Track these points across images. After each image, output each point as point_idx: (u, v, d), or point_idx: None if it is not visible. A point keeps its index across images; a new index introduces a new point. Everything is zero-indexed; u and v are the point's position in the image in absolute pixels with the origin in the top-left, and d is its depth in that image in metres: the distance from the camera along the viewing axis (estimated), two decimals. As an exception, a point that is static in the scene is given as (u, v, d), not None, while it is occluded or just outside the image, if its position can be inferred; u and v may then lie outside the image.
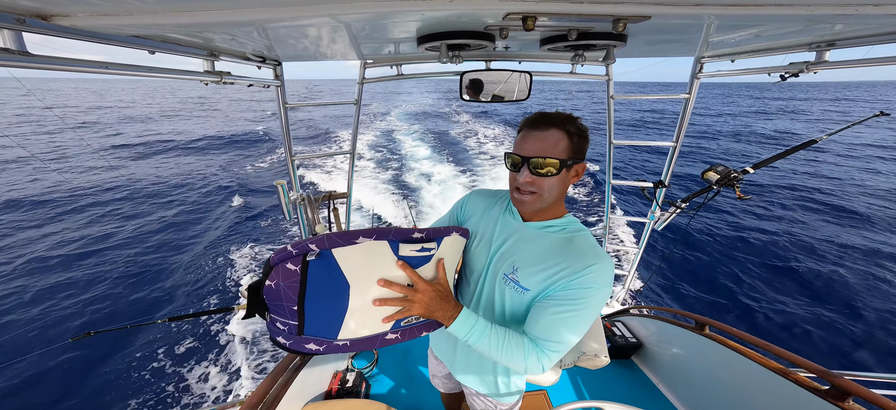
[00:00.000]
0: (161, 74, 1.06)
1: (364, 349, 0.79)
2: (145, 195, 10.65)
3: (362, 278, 0.76)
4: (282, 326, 0.77)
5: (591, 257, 0.78)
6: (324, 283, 0.74)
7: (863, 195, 9.98)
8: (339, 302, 0.75)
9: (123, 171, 13.37)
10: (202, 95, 65.94)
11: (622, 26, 0.80)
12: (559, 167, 0.78)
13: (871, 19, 0.83)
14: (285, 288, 0.73)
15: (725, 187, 1.98)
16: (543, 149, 0.78)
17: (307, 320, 0.75)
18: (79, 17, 0.67)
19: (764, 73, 1.49)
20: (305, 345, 0.76)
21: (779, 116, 32.35)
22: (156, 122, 27.35)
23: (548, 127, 0.79)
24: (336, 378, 1.92)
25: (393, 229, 0.79)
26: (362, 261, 0.75)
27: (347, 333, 0.77)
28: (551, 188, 0.81)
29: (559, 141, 0.78)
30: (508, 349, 0.79)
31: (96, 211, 9.28)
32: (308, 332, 0.75)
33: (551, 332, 0.78)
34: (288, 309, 0.75)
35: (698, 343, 1.78)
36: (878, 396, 1.04)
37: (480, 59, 1.69)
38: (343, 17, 0.86)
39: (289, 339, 0.76)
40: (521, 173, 0.81)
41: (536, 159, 0.78)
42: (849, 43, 1.09)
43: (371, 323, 0.78)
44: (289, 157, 2.05)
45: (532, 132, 0.81)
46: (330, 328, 0.76)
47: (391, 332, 0.81)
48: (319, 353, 0.76)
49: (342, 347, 0.77)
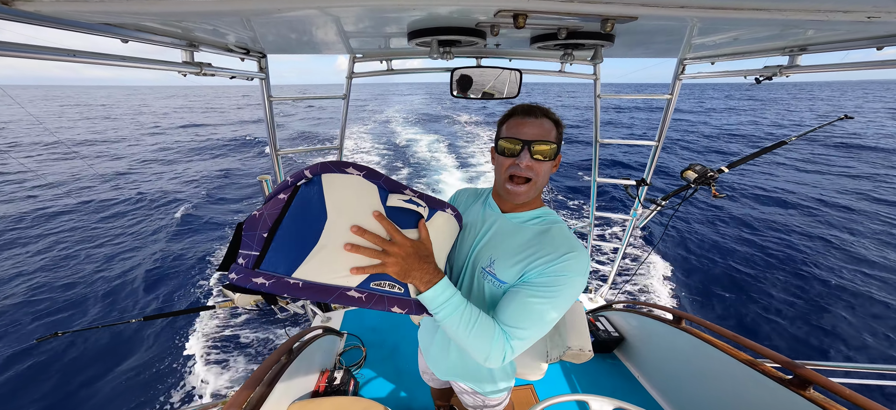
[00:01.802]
0: (135, 65, 1.00)
1: (318, 297, 0.67)
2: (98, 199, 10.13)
3: (341, 213, 0.69)
4: (242, 260, 0.68)
5: (566, 246, 0.79)
6: (304, 211, 0.69)
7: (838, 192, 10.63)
8: (309, 235, 0.68)
9: (97, 168, 12.66)
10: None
11: (610, 26, 0.81)
12: (555, 153, 0.82)
13: (840, 26, 0.88)
14: (267, 216, 0.69)
15: (702, 185, 2.07)
16: (542, 133, 0.81)
17: (270, 252, 0.67)
18: (43, 3, 0.63)
19: (741, 75, 1.56)
20: (253, 279, 0.65)
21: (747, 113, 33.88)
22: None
23: (541, 115, 0.82)
24: (324, 377, 1.89)
25: (385, 176, 0.74)
26: (346, 195, 0.70)
27: (304, 273, 0.67)
28: (544, 175, 0.84)
29: (551, 129, 0.83)
30: (477, 331, 0.73)
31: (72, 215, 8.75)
32: (265, 266, 0.67)
33: (520, 318, 0.75)
34: (257, 238, 0.68)
35: (675, 337, 1.85)
36: (836, 384, 1.12)
37: (471, 55, 1.69)
38: (332, 10, 0.84)
39: (241, 273, 0.66)
40: (522, 157, 0.81)
41: (538, 142, 0.79)
42: (820, 48, 1.15)
43: (334, 271, 0.68)
44: (273, 151, 1.99)
45: (528, 118, 0.82)
46: (288, 263, 0.67)
47: (356, 290, 0.69)
48: (264, 289, 0.65)
49: (292, 286, 0.66)
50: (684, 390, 1.82)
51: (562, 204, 9.70)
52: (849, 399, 1.07)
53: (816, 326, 4.99)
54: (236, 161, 14.58)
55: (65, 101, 65.00)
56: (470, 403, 1.14)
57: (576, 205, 9.62)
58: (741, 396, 1.46)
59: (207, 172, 12.67)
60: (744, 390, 1.44)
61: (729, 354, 1.51)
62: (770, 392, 1.32)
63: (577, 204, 9.68)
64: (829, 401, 1.15)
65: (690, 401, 1.78)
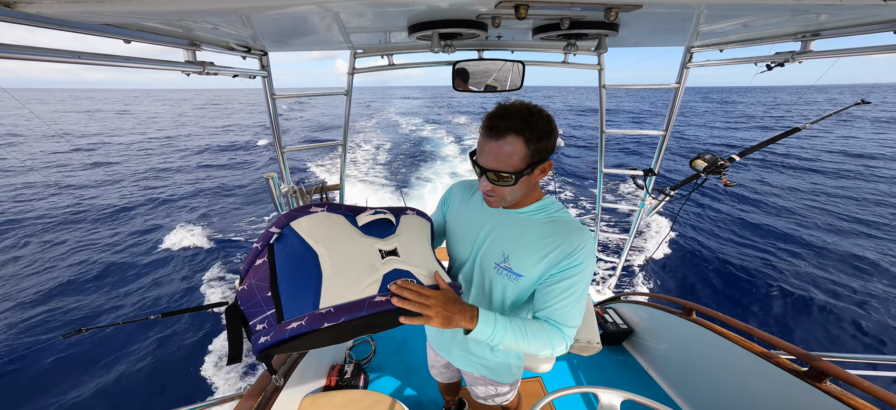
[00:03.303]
0: (138, 65, 1.01)
1: (354, 313, 0.69)
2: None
3: (325, 244, 0.74)
4: (261, 326, 0.69)
5: (579, 236, 0.82)
6: (292, 258, 0.73)
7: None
8: (311, 272, 0.71)
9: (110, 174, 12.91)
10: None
11: (614, 15, 0.79)
12: (516, 179, 0.76)
13: (856, 9, 0.85)
14: (257, 283, 0.72)
15: (712, 174, 2.03)
16: (498, 162, 0.75)
17: (285, 301, 0.70)
18: (44, 4, 0.63)
19: (751, 62, 1.51)
20: (288, 327, 0.67)
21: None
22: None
23: (504, 134, 0.73)
24: (334, 371, 1.92)
25: (345, 205, 0.81)
26: (322, 229, 0.76)
27: (329, 300, 0.69)
28: (513, 193, 0.82)
29: (516, 150, 0.73)
30: (532, 336, 0.80)
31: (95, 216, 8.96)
32: (288, 314, 0.69)
33: (566, 313, 0.82)
34: (263, 299, 0.70)
35: (686, 329, 1.83)
36: (853, 376, 1.08)
37: (473, 48, 1.66)
38: (331, 6, 0.83)
39: (270, 333, 0.67)
40: (481, 182, 0.81)
41: (491, 173, 0.77)
42: (833, 33, 1.11)
43: (353, 288, 0.72)
44: (278, 149, 2.00)
45: (488, 141, 0.75)
46: (310, 300, 0.69)
47: (380, 295, 0.73)
48: (303, 329, 0.66)
49: (327, 315, 0.68)
50: (696, 382, 1.80)
51: (569, 200, 9.62)
52: (868, 392, 1.04)
53: (837, 317, 4.89)
54: (245, 158, 14.73)
55: (92, 103, 65.78)
56: (481, 394, 1.16)
57: (585, 197, 9.53)
58: (755, 388, 1.43)
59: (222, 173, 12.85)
60: (758, 382, 1.42)
61: (742, 346, 1.48)
62: (785, 385, 1.29)
63: (585, 201, 9.59)
64: (848, 394, 1.12)
65: (702, 394, 1.76)
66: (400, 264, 0.79)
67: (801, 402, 1.23)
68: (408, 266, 0.80)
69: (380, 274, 0.75)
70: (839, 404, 1.11)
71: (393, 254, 0.80)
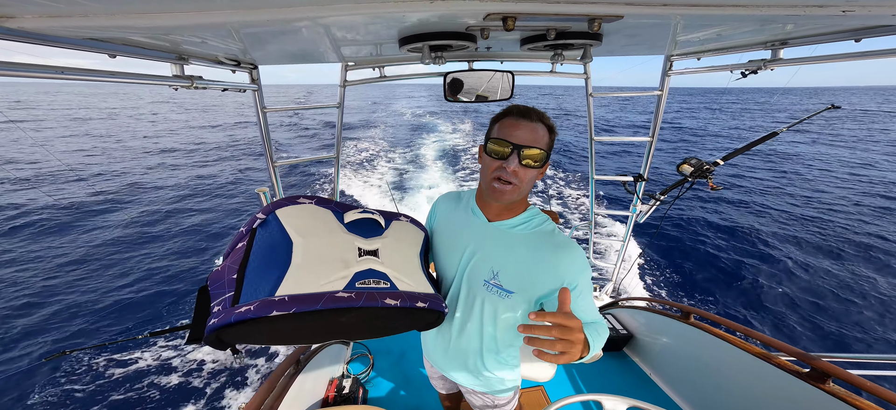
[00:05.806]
0: (125, 80, 0.99)
1: (307, 306, 0.66)
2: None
3: (305, 235, 0.74)
4: (217, 307, 0.67)
5: (568, 246, 0.84)
6: (267, 244, 0.74)
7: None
8: (281, 260, 0.71)
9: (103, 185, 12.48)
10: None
11: (597, 26, 0.83)
12: (544, 159, 0.80)
13: (818, 19, 0.91)
14: (229, 265, 0.72)
15: (699, 178, 2.09)
16: (535, 138, 0.78)
17: (246, 285, 0.69)
18: (26, 19, 0.62)
19: (726, 70, 1.59)
20: (236, 311, 0.64)
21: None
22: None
23: (536, 119, 0.80)
24: (332, 386, 1.87)
25: (334, 201, 0.82)
26: (305, 222, 0.76)
27: (287, 288, 0.67)
28: (530, 181, 0.82)
29: (544, 135, 0.80)
30: (597, 335, 0.81)
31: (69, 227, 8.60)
32: (244, 299, 0.67)
33: (590, 312, 0.86)
34: (227, 281, 0.69)
35: (685, 332, 1.84)
36: (856, 377, 1.08)
37: (463, 59, 1.70)
38: (322, 20, 0.84)
39: (218, 316, 0.64)
40: (510, 161, 0.78)
41: (528, 147, 0.77)
42: (800, 41, 1.18)
43: (316, 281, 0.70)
44: (270, 162, 1.98)
45: (522, 121, 0.79)
46: (267, 287, 0.67)
47: (344, 291, 0.70)
48: (251, 314, 0.63)
49: (279, 303, 0.65)
50: (698, 386, 1.80)
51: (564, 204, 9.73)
52: (871, 392, 1.03)
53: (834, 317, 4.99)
54: (240, 165, 14.47)
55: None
56: (478, 404, 1.13)
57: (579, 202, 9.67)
58: (757, 390, 1.42)
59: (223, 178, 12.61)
60: (759, 384, 1.41)
61: (741, 347, 1.48)
62: (787, 386, 1.28)
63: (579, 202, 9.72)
64: (851, 394, 1.11)
65: (705, 397, 1.75)
66: (377, 265, 0.78)
67: (806, 404, 1.22)
68: (385, 268, 0.78)
69: (351, 271, 0.74)
70: (844, 405, 1.10)
71: (372, 254, 0.79)
